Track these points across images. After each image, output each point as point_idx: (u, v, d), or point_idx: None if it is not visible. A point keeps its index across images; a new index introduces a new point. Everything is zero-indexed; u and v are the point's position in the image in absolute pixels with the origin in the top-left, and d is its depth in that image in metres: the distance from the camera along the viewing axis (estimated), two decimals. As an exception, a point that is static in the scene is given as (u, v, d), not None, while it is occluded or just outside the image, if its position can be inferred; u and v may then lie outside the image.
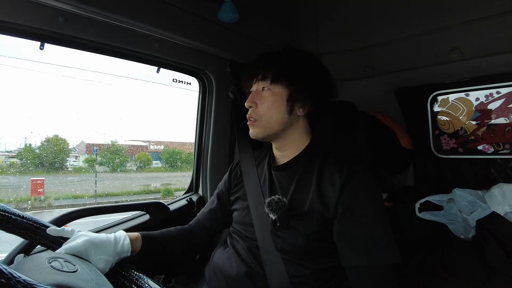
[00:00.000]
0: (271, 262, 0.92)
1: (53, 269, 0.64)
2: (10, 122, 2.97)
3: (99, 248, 0.82)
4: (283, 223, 0.90)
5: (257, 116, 0.99)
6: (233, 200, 1.15)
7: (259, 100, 0.99)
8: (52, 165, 3.77)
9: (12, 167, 3.45)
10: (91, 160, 4.25)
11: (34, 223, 0.80)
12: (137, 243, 0.97)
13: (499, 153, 1.57)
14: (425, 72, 1.58)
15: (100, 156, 4.56)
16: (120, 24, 1.08)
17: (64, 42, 1.13)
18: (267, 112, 0.97)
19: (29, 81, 2.90)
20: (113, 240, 0.89)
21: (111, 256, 0.84)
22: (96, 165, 4.27)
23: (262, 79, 0.99)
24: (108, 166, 4.60)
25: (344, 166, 0.91)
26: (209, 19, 1.26)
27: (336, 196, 0.87)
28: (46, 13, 0.98)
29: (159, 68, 1.45)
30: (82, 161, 4.20)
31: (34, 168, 3.64)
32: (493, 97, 1.58)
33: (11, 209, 0.76)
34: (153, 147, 4.75)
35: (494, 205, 1.33)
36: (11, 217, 0.75)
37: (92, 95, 3.80)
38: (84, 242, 0.81)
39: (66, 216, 1.12)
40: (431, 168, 1.76)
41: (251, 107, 1.00)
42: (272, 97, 0.97)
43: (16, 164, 3.48)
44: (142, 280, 0.78)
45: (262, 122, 0.98)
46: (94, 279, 0.67)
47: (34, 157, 3.65)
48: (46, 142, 3.71)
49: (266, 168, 1.09)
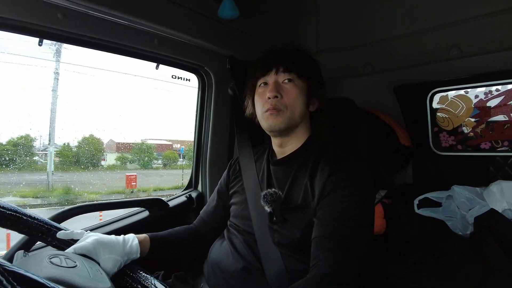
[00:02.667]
0: (269, 256, 0.93)
1: (52, 264, 0.64)
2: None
3: (107, 248, 0.83)
4: (279, 216, 0.91)
5: (282, 107, 0.97)
6: (231, 194, 1.16)
7: (283, 91, 0.98)
8: (90, 163, 4.04)
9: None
10: (123, 158, 4.54)
11: (45, 224, 0.80)
12: (145, 244, 0.97)
13: (498, 150, 1.58)
14: (425, 70, 1.58)
15: (131, 154, 4.93)
16: (120, 20, 1.08)
17: (63, 38, 1.12)
18: (293, 103, 0.98)
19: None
20: (122, 241, 0.89)
21: (119, 256, 0.84)
22: (183, 160, 4.84)
23: (285, 71, 0.99)
24: (142, 163, 4.96)
25: (337, 160, 0.92)
26: (209, 16, 1.26)
27: (322, 183, 0.88)
28: (45, 9, 0.98)
29: (158, 65, 1.44)
30: (114, 159, 4.48)
31: (73, 165, 3.90)
32: (492, 95, 1.58)
33: (22, 210, 0.76)
34: (176, 146, 5.11)
35: (493, 202, 1.34)
36: (22, 218, 0.75)
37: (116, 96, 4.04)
38: (93, 241, 0.81)
39: (67, 213, 1.12)
40: (430, 165, 1.76)
41: (276, 97, 0.98)
42: (297, 90, 0.99)
43: (56, 162, 3.70)
44: (149, 281, 0.78)
45: (287, 113, 0.97)
46: (92, 274, 0.67)
47: (72, 155, 3.90)
48: (83, 141, 3.96)
49: (265, 163, 1.10)
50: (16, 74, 2.59)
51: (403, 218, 1.52)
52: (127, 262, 0.87)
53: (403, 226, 1.51)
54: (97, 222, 1.29)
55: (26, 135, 3.26)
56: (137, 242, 0.92)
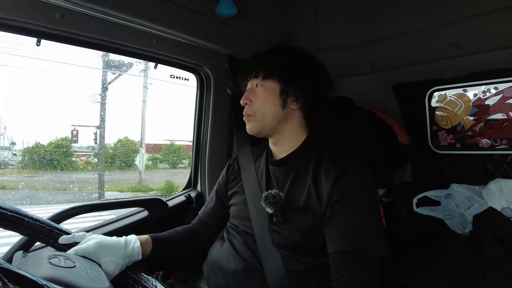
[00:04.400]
0: (269, 257, 0.93)
1: (50, 264, 0.64)
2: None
3: (109, 250, 0.82)
4: (279, 217, 0.91)
5: (251, 112, 1.02)
6: (230, 194, 1.16)
7: (253, 97, 1.02)
8: (125, 163, 4.60)
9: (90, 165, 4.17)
10: (155, 158, 4.90)
11: (47, 226, 0.80)
12: (147, 246, 0.97)
13: (497, 148, 1.58)
14: (423, 68, 1.58)
15: (162, 154, 5.39)
16: (118, 20, 1.07)
17: (61, 38, 1.12)
18: (261, 107, 1.00)
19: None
20: (123, 243, 0.88)
21: (121, 258, 0.84)
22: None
23: (255, 77, 1.03)
24: (172, 162, 5.43)
25: (339, 161, 0.92)
26: (208, 15, 1.25)
27: (329, 188, 0.88)
28: (42, 9, 0.97)
29: (156, 64, 1.44)
30: (146, 159, 4.82)
31: (109, 165, 4.38)
32: (490, 93, 1.58)
33: (24, 211, 0.76)
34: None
35: (491, 201, 1.34)
36: (24, 219, 0.75)
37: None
38: (94, 244, 0.81)
39: (66, 213, 1.12)
40: (428, 163, 1.76)
41: (246, 104, 1.03)
42: (265, 93, 1.01)
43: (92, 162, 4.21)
44: (150, 283, 0.78)
45: (257, 116, 1.01)
46: (90, 275, 0.67)
47: (108, 157, 4.36)
48: (118, 142, 4.52)
49: (263, 163, 1.10)
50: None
51: (402, 216, 1.53)
52: (129, 264, 0.87)
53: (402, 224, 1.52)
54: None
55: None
56: (139, 244, 0.92)
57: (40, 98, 3.83)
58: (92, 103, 3.37)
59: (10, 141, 3.70)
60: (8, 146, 3.69)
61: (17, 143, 3.79)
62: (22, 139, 3.81)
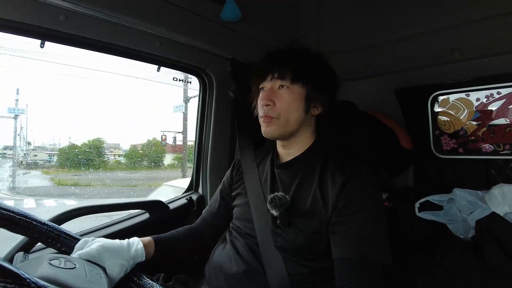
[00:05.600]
0: (271, 260, 0.92)
1: (49, 265, 0.64)
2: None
3: (113, 253, 0.82)
4: (284, 220, 0.90)
5: (275, 114, 0.96)
6: (234, 196, 1.15)
7: (276, 99, 0.97)
8: (154, 162, 4.98)
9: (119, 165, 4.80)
10: (179, 158, 5.08)
11: (55, 230, 0.80)
12: (150, 247, 0.97)
13: (500, 153, 1.58)
14: (426, 72, 1.58)
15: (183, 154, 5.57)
16: (122, 22, 1.08)
17: (65, 40, 1.12)
18: (286, 110, 0.96)
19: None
20: (127, 245, 0.88)
21: (125, 260, 0.83)
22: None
23: (279, 78, 0.98)
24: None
25: (345, 166, 0.92)
26: (211, 18, 1.26)
27: (335, 194, 0.87)
28: (47, 11, 0.98)
29: (159, 67, 1.45)
30: (172, 159, 5.12)
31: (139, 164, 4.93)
32: (493, 98, 1.58)
33: (33, 215, 0.76)
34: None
35: (494, 206, 1.33)
36: (32, 223, 0.75)
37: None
38: (97, 247, 0.80)
39: (67, 214, 1.12)
40: (431, 168, 1.76)
41: (268, 105, 0.97)
42: (291, 96, 0.96)
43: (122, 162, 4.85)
44: None
45: (280, 120, 0.97)
46: (89, 277, 0.66)
47: (137, 157, 4.90)
48: (148, 143, 4.97)
49: (268, 165, 1.09)
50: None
51: (404, 221, 1.52)
52: (133, 266, 0.86)
53: (404, 229, 1.51)
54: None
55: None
56: (142, 246, 0.91)
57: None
58: (174, 112, 4.13)
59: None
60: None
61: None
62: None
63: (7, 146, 3.98)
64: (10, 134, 3.45)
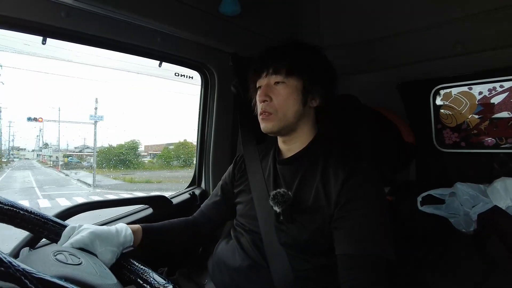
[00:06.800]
0: (275, 256, 0.92)
1: (58, 261, 0.64)
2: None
3: (104, 239, 0.83)
4: (287, 216, 0.91)
5: (272, 110, 0.98)
6: (236, 192, 1.15)
7: (273, 94, 0.98)
8: (185, 162, 5.69)
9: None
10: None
11: (42, 218, 0.80)
12: (138, 234, 0.97)
13: (502, 147, 1.57)
14: (428, 66, 1.57)
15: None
16: (123, 18, 1.08)
17: (66, 36, 1.13)
18: (283, 105, 0.97)
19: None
20: (115, 231, 0.89)
21: (115, 246, 0.84)
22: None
23: (274, 73, 0.99)
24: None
25: (348, 161, 0.92)
26: (212, 13, 1.25)
27: (338, 190, 0.88)
28: (48, 8, 0.98)
29: (161, 62, 1.44)
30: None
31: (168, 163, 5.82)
32: (496, 91, 1.57)
33: (19, 204, 0.76)
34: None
35: (496, 199, 1.33)
36: (19, 212, 0.75)
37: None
38: (88, 234, 0.81)
39: (70, 210, 1.13)
40: (433, 162, 1.76)
41: (265, 101, 0.99)
42: (287, 90, 0.97)
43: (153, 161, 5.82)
44: (148, 274, 0.78)
45: (278, 115, 0.98)
46: (98, 271, 0.67)
47: (171, 156, 5.63)
48: (180, 144, 5.65)
49: (271, 161, 1.09)
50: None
51: (406, 215, 1.52)
52: (123, 251, 0.87)
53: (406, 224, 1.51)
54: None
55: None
56: (131, 232, 0.92)
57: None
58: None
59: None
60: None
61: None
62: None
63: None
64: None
